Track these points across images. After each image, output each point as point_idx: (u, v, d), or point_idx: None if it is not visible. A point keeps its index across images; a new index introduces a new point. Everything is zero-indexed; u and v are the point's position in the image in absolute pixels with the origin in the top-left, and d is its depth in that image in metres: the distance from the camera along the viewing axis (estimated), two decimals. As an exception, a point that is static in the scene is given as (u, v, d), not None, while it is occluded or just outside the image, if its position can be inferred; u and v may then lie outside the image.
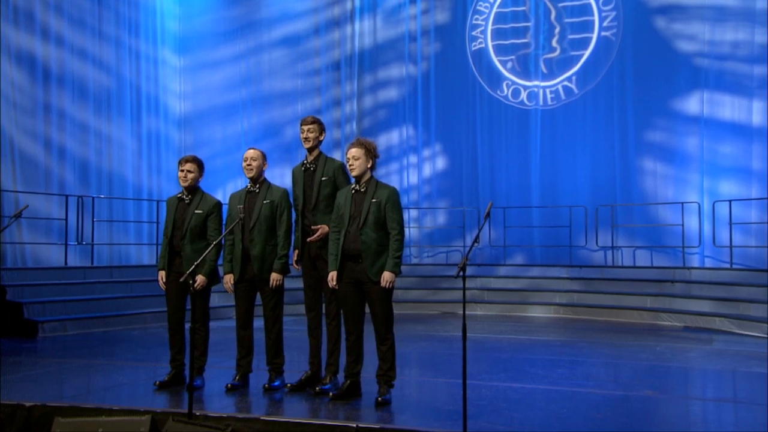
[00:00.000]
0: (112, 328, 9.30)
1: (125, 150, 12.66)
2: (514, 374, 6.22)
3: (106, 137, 12.29)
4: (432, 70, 13.50)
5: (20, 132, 10.82)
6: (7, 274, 9.37)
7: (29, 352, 7.59)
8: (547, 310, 11.16)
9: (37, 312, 8.87)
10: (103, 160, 12.21)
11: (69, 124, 11.62)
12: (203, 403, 4.99)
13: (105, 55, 12.33)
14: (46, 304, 9.05)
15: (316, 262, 5.28)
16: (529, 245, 12.64)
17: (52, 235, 11.01)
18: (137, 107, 12.95)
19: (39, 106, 11.15)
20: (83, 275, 10.37)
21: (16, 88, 10.81)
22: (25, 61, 10.97)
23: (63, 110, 11.53)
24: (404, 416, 4.62)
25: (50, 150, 11.31)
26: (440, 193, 13.47)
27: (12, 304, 8.77)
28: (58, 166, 11.41)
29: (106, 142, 12.30)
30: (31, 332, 8.56)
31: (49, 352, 7.65)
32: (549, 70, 12.65)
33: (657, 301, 10.51)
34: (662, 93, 11.69)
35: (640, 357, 7.18)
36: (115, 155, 12.43)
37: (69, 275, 10.19)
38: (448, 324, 9.90)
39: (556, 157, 12.51)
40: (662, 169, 11.73)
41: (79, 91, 11.83)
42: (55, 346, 7.98)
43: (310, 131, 5.38)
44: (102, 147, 12.22)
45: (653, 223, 11.71)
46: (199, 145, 13.54)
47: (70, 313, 9.21)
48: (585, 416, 4.73)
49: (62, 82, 11.55)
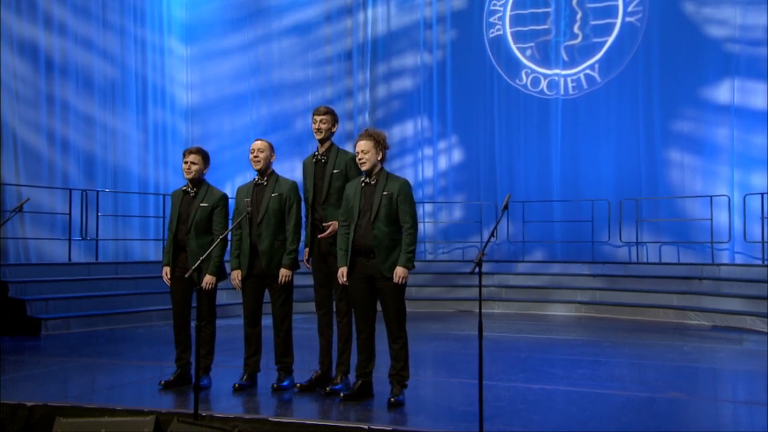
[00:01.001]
0: (117, 325, 9.35)
1: (131, 142, 12.71)
2: (533, 375, 6.19)
3: (111, 129, 12.35)
4: (448, 59, 13.45)
5: (23, 124, 10.89)
6: (10, 270, 9.44)
7: (32, 351, 7.64)
8: (568, 309, 11.11)
9: (39, 309, 8.93)
10: (108, 152, 12.28)
11: (73, 115, 11.69)
12: (210, 403, 5.00)
13: (109, 44, 12.39)
14: (49, 301, 9.10)
15: (327, 258, 5.26)
16: (549, 241, 12.57)
17: (56, 230, 11.09)
18: (143, 98, 13.00)
19: (42, 97, 11.22)
20: (87, 271, 10.42)
21: (19, 78, 10.87)
22: (27, 50, 11.04)
23: (66, 101, 11.60)
24: (418, 418, 4.60)
25: (54, 142, 11.38)
26: (456, 187, 13.43)
27: (14, 301, 8.83)
28: (61, 159, 11.49)
29: (111, 135, 12.36)
30: (33, 330, 8.61)
31: (52, 350, 7.71)
32: (570, 57, 12.54)
33: (684, 299, 10.42)
34: (690, 81, 11.57)
35: (666, 357, 7.13)
36: (120, 148, 12.49)
37: (73, 271, 10.25)
38: (464, 322, 9.89)
39: (578, 148, 12.43)
40: (690, 161, 11.61)
41: (83, 81, 11.89)
42: (58, 344, 8.03)
43: (323, 122, 5.35)
44: (107, 139, 12.28)
45: (680, 218, 11.61)
46: (207, 137, 13.57)
47: (74, 310, 9.25)
48: (608, 419, 4.68)
49: (66, 72, 11.60)
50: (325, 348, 5.37)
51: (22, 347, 7.76)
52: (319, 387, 5.25)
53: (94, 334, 8.78)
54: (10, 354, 7.12)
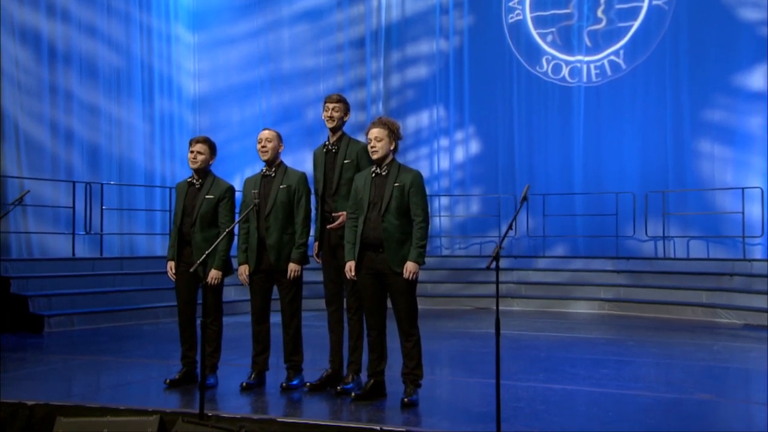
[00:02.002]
0: (122, 323, 9.39)
1: (136, 133, 12.76)
2: (554, 374, 6.16)
3: (116, 120, 12.40)
4: (465, 45, 13.40)
5: (25, 115, 10.96)
6: (12, 266, 9.50)
7: (34, 348, 7.69)
8: (591, 306, 11.06)
9: (42, 306, 8.98)
10: (113, 144, 12.33)
11: (77, 106, 11.74)
12: (216, 402, 5.02)
13: (114, 32, 12.42)
14: (52, 298, 9.16)
15: (337, 252, 5.23)
16: (571, 235, 12.53)
17: (59, 224, 11.16)
18: (149, 88, 13.04)
19: (45, 87, 11.28)
20: (91, 267, 10.49)
21: (21, 68, 10.93)
22: (29, 38, 11.09)
23: (70, 91, 11.65)
24: (432, 419, 4.58)
25: (57, 134, 11.44)
26: (474, 180, 13.40)
27: (16, 297, 8.88)
28: (65, 151, 11.55)
29: (116, 125, 12.41)
30: (36, 327, 8.67)
31: (54, 348, 7.76)
32: (594, 43, 12.45)
33: (714, 296, 10.33)
34: (722, 67, 11.45)
35: (694, 357, 7.10)
36: (125, 139, 12.55)
37: (76, 267, 10.31)
38: (481, 320, 9.89)
39: (601, 138, 12.37)
40: (720, 152, 11.51)
41: (87, 70, 11.94)
42: (61, 341, 8.09)
43: (335, 110, 5.33)
44: (112, 130, 12.33)
45: (710, 211, 11.50)
46: (215, 128, 13.59)
47: (78, 306, 9.31)
48: (632, 421, 4.65)
49: (69, 61, 11.66)
50: (335, 346, 5.36)
51: (24, 345, 7.82)
52: (330, 386, 5.24)
53: (98, 331, 8.83)
54: (12, 352, 7.18)
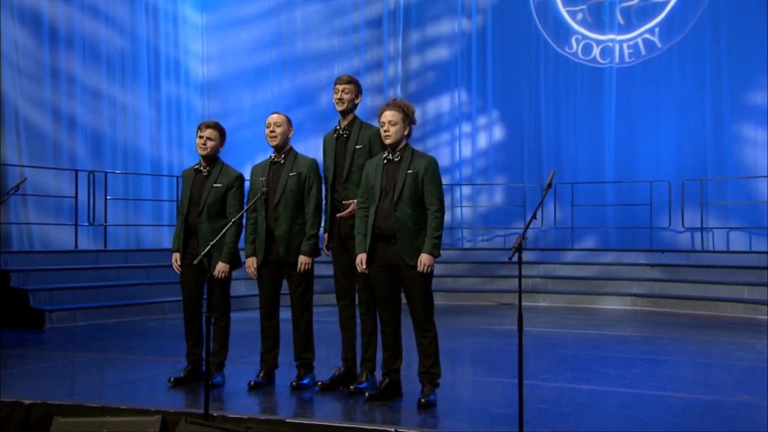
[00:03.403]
0: (127, 318, 9.44)
1: (142, 120, 12.82)
2: (582, 374, 6.13)
3: (121, 105, 12.46)
4: (489, 25, 13.36)
5: (25, 100, 11.03)
6: (12, 258, 9.57)
7: (35, 345, 7.74)
8: (623, 302, 11.02)
9: (44, 300, 9.04)
10: (118, 131, 12.39)
11: (79, 91, 11.81)
12: (223, 402, 5.01)
13: (119, 12, 12.47)
14: (53, 292, 9.21)
15: (347, 243, 5.20)
16: (601, 227, 12.50)
17: (62, 215, 11.24)
18: (155, 72, 13.09)
19: (46, 71, 11.34)
20: (95, 259, 10.55)
21: (20, 51, 11.00)
22: (29, 20, 11.15)
23: (72, 75, 11.71)
24: (451, 420, 4.56)
25: (59, 120, 11.51)
26: (498, 168, 13.39)
27: (17, 292, 8.94)
28: (67, 138, 11.62)
29: (121, 111, 12.47)
30: (37, 322, 8.72)
31: (56, 344, 7.81)
32: (627, 20, 12.39)
33: (756, 291, 10.22)
34: (764, 46, 11.28)
35: (734, 356, 7.03)
36: (130, 125, 12.61)
37: (79, 259, 10.37)
38: (505, 316, 9.86)
39: (634, 123, 12.30)
40: (763, 137, 11.42)
41: (90, 54, 11.99)
42: (63, 337, 8.13)
43: (345, 92, 5.30)
44: (116, 116, 12.40)
45: (751, 200, 11.41)
46: (225, 113, 13.62)
47: (81, 301, 9.36)
48: (667, 424, 4.60)
49: (71, 43, 11.71)
50: (348, 343, 5.34)
51: (25, 341, 7.87)
52: (343, 385, 5.22)
53: (101, 327, 8.87)
54: (12, 348, 7.22)
